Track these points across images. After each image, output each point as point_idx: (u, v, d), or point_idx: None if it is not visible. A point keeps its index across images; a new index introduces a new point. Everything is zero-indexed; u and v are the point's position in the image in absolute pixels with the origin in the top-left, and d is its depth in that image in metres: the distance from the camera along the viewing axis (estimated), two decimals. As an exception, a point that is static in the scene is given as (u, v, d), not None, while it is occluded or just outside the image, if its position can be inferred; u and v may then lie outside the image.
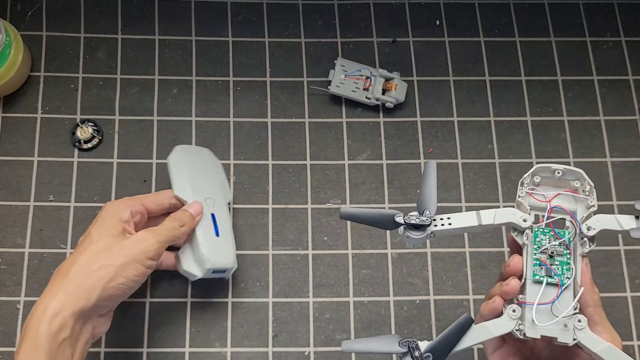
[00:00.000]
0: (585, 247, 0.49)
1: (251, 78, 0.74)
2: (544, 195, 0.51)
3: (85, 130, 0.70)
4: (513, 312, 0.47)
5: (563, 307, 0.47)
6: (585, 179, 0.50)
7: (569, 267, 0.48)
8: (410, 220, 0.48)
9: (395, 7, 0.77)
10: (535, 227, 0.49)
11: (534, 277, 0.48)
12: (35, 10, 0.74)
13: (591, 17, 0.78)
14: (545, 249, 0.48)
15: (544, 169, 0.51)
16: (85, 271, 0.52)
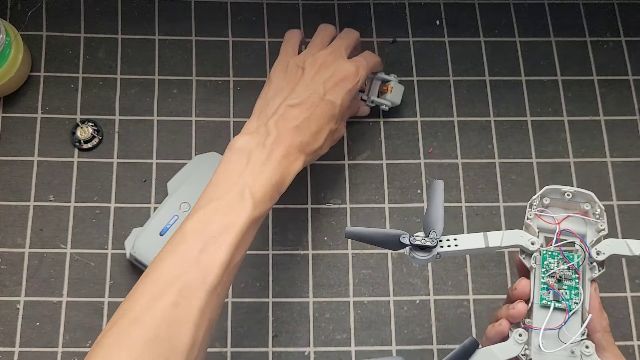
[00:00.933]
0: (595, 271, 0.48)
1: (251, 78, 0.74)
2: (554, 218, 0.50)
3: (85, 130, 0.70)
4: (519, 336, 0.47)
5: (570, 333, 0.46)
6: (596, 201, 0.50)
7: (578, 292, 0.48)
8: (415, 241, 0.48)
9: (395, 7, 0.77)
10: (544, 250, 0.49)
11: (542, 302, 0.47)
12: (35, 10, 0.74)
13: (591, 17, 0.78)
14: (553, 272, 0.48)
15: (554, 190, 0.51)
16: (317, 139, 0.58)
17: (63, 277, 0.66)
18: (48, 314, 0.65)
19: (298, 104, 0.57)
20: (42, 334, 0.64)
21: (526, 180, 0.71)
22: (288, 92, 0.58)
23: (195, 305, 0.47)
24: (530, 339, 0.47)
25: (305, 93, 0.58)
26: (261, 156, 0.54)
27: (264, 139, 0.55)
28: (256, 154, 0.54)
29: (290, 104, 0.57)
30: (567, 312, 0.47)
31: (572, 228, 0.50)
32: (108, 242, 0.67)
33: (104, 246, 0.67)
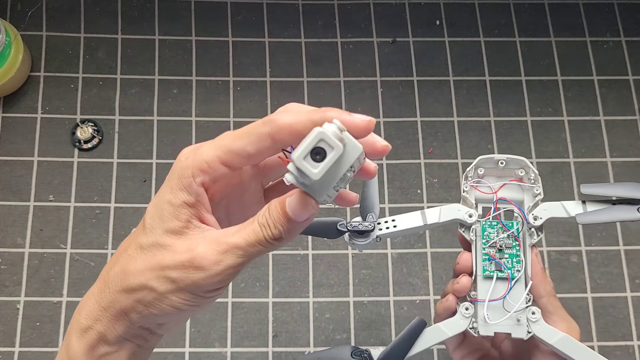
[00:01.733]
0: (534, 237, 0.48)
1: (251, 78, 0.74)
2: (490, 187, 0.49)
3: (85, 130, 0.70)
4: (466, 310, 0.46)
5: (515, 301, 0.46)
6: (530, 166, 0.49)
7: (519, 260, 0.47)
8: (352, 227, 0.47)
9: (395, 7, 0.77)
10: (482, 221, 0.48)
11: (484, 273, 0.47)
12: (35, 11, 0.74)
13: (591, 17, 0.78)
14: (493, 242, 0.47)
15: (487, 160, 0.49)
16: (120, 283, 0.33)
17: (63, 277, 0.66)
18: (48, 314, 0.65)
19: None
20: (42, 333, 0.64)
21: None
22: None
23: None
24: (477, 312, 0.46)
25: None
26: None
27: None
28: None
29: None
30: (509, 280, 0.46)
31: (509, 196, 0.49)
32: (108, 242, 0.67)
33: (104, 246, 0.67)
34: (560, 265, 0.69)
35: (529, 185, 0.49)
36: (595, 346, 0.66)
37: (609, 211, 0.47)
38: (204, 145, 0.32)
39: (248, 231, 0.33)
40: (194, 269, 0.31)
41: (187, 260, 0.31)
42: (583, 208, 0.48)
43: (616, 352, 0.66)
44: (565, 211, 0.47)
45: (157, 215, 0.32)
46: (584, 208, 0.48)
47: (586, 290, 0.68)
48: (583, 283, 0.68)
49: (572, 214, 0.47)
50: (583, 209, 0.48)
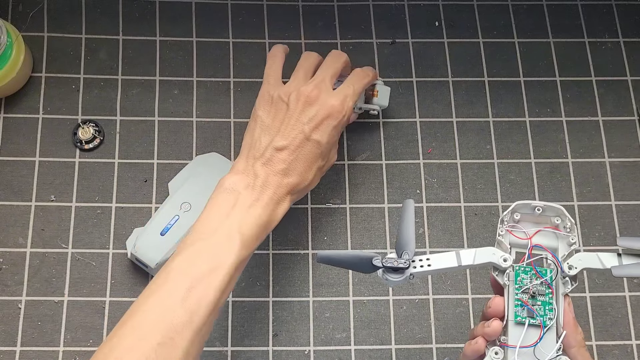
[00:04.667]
0: (567, 286, 0.48)
1: (252, 79, 0.74)
2: (525, 233, 0.50)
3: (86, 130, 0.70)
4: (495, 354, 0.46)
5: (546, 350, 0.46)
6: (566, 215, 0.50)
7: (551, 308, 0.47)
8: (388, 263, 0.48)
9: (395, 8, 0.78)
10: (516, 266, 0.49)
11: (516, 319, 0.47)
12: (36, 12, 0.75)
13: (590, 18, 0.78)
14: (526, 288, 0.48)
15: (524, 205, 0.50)
16: (305, 177, 0.58)
17: (64, 277, 0.66)
18: (49, 314, 0.65)
19: (284, 147, 0.57)
20: (43, 333, 0.65)
21: (525, 180, 0.72)
22: (274, 132, 0.58)
23: (181, 345, 0.46)
24: (507, 357, 0.46)
25: (291, 134, 0.57)
26: (249, 198, 0.54)
27: (252, 180, 0.55)
28: (244, 196, 0.54)
29: (276, 147, 0.56)
30: (541, 328, 0.46)
31: (543, 243, 0.49)
32: (109, 241, 0.68)
33: (106, 246, 0.68)
34: (558, 264, 0.69)
35: (565, 234, 0.50)
36: (593, 345, 0.67)
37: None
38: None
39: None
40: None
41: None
42: (619, 261, 0.48)
43: (614, 352, 0.66)
44: (600, 263, 0.48)
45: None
46: (620, 260, 0.48)
47: (584, 290, 0.68)
48: (581, 283, 0.68)
49: (607, 266, 0.48)
50: (619, 262, 0.48)
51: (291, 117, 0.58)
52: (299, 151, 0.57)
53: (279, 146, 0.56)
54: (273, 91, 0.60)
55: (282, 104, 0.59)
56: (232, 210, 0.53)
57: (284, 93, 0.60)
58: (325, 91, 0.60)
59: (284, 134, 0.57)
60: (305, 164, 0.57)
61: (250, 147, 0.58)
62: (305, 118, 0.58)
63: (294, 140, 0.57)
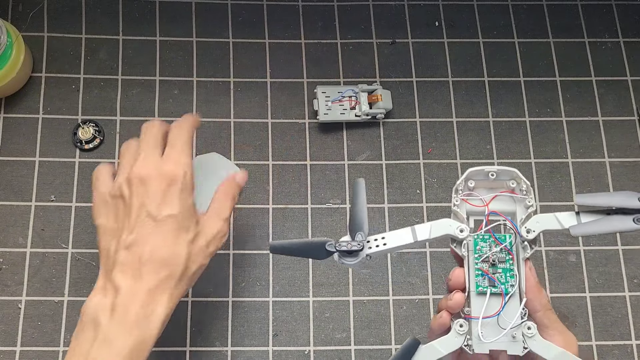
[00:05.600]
0: (528, 250, 0.47)
1: (252, 79, 0.74)
2: (482, 200, 0.48)
3: (86, 130, 0.70)
4: (460, 327, 0.45)
5: (510, 318, 0.45)
6: (521, 177, 0.48)
7: (513, 274, 0.46)
8: (342, 247, 0.46)
9: (395, 8, 0.78)
10: (474, 235, 0.47)
11: (477, 289, 0.46)
12: (36, 12, 0.75)
13: (590, 18, 0.78)
14: (486, 257, 0.46)
15: (478, 172, 0.49)
16: (176, 257, 0.51)
17: (64, 277, 0.66)
18: (49, 314, 0.65)
19: (134, 242, 0.50)
20: (43, 333, 0.65)
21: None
22: (120, 232, 0.51)
23: None
24: (471, 329, 0.45)
25: (137, 223, 0.50)
26: (111, 328, 0.47)
27: (113, 298, 0.49)
28: (105, 327, 0.48)
29: (126, 245, 0.50)
30: (503, 296, 0.45)
31: (501, 208, 0.48)
32: (109, 241, 0.68)
33: (105, 246, 0.68)
34: (558, 264, 0.69)
35: (521, 197, 0.48)
36: (593, 345, 0.67)
37: (603, 222, 0.46)
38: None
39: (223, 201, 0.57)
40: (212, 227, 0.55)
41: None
42: (577, 219, 0.47)
43: (614, 352, 0.66)
44: (558, 223, 0.47)
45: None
46: (578, 219, 0.47)
47: (584, 290, 0.68)
48: (581, 282, 0.68)
49: (565, 225, 0.46)
50: (577, 221, 0.46)
51: (131, 206, 0.51)
52: (153, 238, 0.50)
53: (128, 243, 0.50)
54: (104, 191, 0.54)
55: (117, 199, 0.53)
56: (92, 348, 0.47)
57: (114, 189, 0.53)
58: (153, 162, 0.53)
59: (130, 229, 0.51)
60: (168, 248, 0.50)
61: (105, 259, 0.51)
62: (145, 200, 0.51)
63: (143, 229, 0.50)
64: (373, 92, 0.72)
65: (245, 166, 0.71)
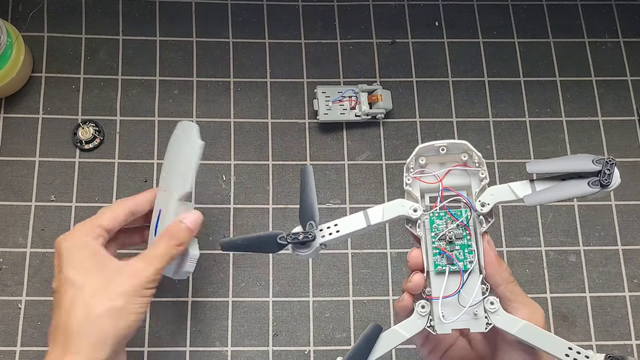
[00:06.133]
0: (484, 224, 0.45)
1: (252, 79, 0.74)
2: (435, 176, 0.46)
3: (86, 130, 0.70)
4: (422, 308, 0.44)
5: (470, 295, 0.43)
6: (472, 150, 0.46)
7: (471, 250, 0.44)
8: (293, 238, 0.45)
9: (395, 8, 0.78)
10: (429, 213, 0.45)
11: (436, 268, 0.44)
12: (36, 11, 0.75)
13: (590, 18, 0.78)
14: (443, 235, 0.45)
15: (427, 148, 0.46)
16: (89, 323, 0.47)
17: (64, 277, 0.66)
18: (49, 314, 0.65)
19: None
20: (43, 333, 0.65)
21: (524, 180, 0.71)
22: None
23: None
24: (433, 309, 0.44)
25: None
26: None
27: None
28: None
29: None
30: (461, 274, 0.44)
31: (456, 182, 0.46)
32: (109, 241, 0.68)
33: (105, 246, 0.68)
34: (558, 265, 0.69)
35: (474, 169, 0.46)
36: (593, 345, 0.67)
37: (558, 188, 0.44)
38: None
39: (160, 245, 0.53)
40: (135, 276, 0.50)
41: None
42: (532, 188, 0.45)
43: (614, 352, 0.66)
44: (513, 193, 0.45)
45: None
46: (533, 188, 0.44)
47: (584, 290, 0.68)
48: (581, 283, 0.68)
49: (520, 195, 0.44)
50: (532, 189, 0.44)
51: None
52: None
53: None
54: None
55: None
56: None
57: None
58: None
59: None
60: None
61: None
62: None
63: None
64: (373, 92, 0.72)
65: (246, 166, 0.71)
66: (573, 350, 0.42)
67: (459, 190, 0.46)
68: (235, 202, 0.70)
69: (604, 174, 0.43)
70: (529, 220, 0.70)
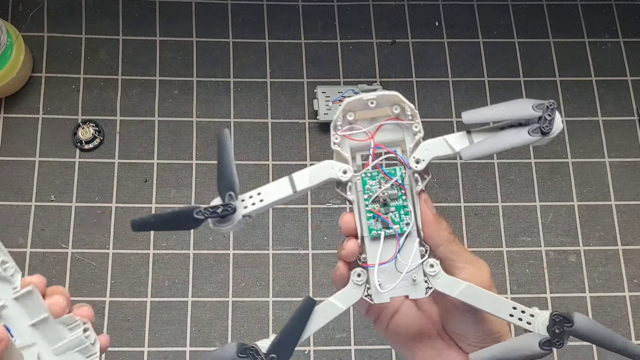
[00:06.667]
0: (420, 182, 0.42)
1: (252, 79, 0.74)
2: (367, 133, 0.42)
3: (86, 130, 0.70)
4: (358, 277, 0.41)
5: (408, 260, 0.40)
6: (404, 101, 0.42)
7: (407, 211, 0.41)
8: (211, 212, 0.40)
9: (395, 8, 0.78)
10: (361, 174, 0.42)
11: (370, 233, 0.41)
12: (36, 12, 0.75)
13: (590, 18, 0.78)
14: (376, 197, 0.41)
15: (355, 102, 0.43)
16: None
17: (64, 277, 0.66)
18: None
19: None
20: (43, 333, 0.65)
21: (524, 180, 0.72)
22: None
23: None
24: (370, 277, 0.41)
25: None
26: None
27: None
28: None
29: None
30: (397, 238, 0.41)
31: (388, 138, 0.42)
32: (109, 241, 0.68)
33: (105, 246, 0.68)
34: (558, 264, 0.69)
35: (408, 123, 0.42)
36: (594, 345, 0.66)
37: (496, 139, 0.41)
38: None
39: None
40: None
41: None
42: (469, 140, 0.41)
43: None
44: (449, 147, 0.41)
45: None
46: (470, 140, 0.41)
47: (584, 290, 0.68)
48: (582, 283, 0.68)
49: (456, 149, 0.41)
50: (469, 141, 0.41)
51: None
52: None
53: None
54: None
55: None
56: None
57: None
58: None
59: None
60: None
61: None
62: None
63: None
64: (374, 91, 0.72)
65: (246, 166, 0.71)
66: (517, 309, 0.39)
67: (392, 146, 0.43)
68: (235, 202, 0.70)
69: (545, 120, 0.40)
70: (529, 220, 0.70)
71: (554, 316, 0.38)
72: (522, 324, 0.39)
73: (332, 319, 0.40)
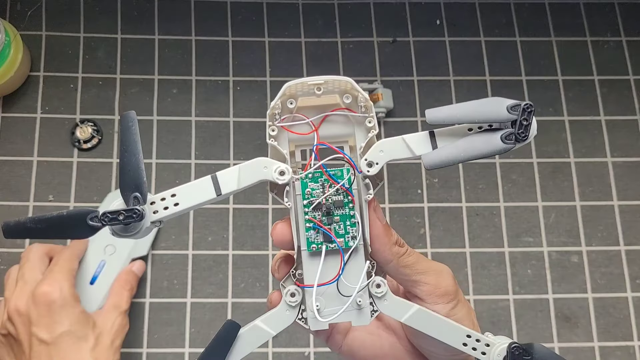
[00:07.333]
0: (370, 189, 0.35)
1: (251, 78, 0.74)
2: (310, 124, 0.35)
3: (84, 130, 0.70)
4: (292, 297, 0.35)
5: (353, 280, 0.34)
6: (358, 89, 0.35)
7: (354, 222, 0.35)
8: (111, 218, 0.32)
9: (396, 6, 0.77)
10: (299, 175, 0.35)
11: (309, 248, 0.35)
12: (34, 10, 0.74)
13: (592, 17, 0.78)
14: (318, 203, 0.34)
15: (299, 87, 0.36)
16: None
17: (62, 277, 0.66)
18: None
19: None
20: (41, 334, 0.64)
21: (527, 180, 0.71)
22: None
23: None
24: (305, 299, 0.35)
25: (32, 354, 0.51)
26: None
27: None
28: None
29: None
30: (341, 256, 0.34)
31: (336, 133, 0.35)
32: (108, 242, 0.67)
33: (104, 246, 0.67)
34: (560, 265, 0.68)
35: (360, 116, 0.35)
36: (595, 347, 0.66)
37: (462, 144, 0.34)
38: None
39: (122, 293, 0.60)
40: (111, 324, 0.58)
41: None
42: (432, 142, 0.35)
43: (617, 353, 0.66)
44: (408, 150, 0.34)
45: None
46: (434, 143, 0.35)
47: (587, 291, 0.68)
48: (584, 283, 0.68)
49: (417, 153, 0.34)
50: (432, 144, 0.35)
51: (21, 340, 0.52)
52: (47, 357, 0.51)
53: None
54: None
55: (8, 337, 0.54)
56: None
57: (1, 327, 0.55)
58: (27, 290, 0.54)
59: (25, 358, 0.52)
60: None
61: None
62: (31, 328, 0.52)
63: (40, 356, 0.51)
64: (374, 91, 0.71)
65: (245, 166, 0.70)
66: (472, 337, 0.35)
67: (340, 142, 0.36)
68: (235, 202, 0.69)
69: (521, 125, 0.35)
70: (531, 221, 0.70)
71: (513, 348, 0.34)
72: (477, 354, 0.35)
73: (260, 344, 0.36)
